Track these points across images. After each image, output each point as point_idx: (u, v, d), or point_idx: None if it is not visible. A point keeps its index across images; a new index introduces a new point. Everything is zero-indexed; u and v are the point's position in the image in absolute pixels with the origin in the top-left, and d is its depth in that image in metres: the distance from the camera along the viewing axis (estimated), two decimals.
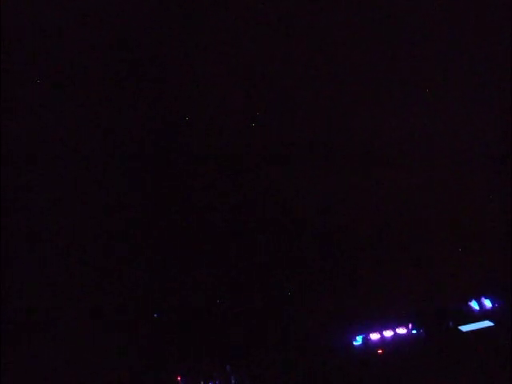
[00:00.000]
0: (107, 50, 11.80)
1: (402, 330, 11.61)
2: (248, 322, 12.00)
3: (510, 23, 12.22)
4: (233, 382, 11.61)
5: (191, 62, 12.12)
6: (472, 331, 11.66)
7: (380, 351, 11.45)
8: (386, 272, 12.04)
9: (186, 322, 12.01)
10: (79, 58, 11.66)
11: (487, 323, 11.67)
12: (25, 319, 11.10)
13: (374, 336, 11.55)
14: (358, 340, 11.55)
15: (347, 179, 12.29)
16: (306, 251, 12.13)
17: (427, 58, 12.47)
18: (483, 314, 11.85)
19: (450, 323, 11.65)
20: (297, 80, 12.38)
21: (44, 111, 11.55)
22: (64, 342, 11.16)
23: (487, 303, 11.96)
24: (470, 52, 12.39)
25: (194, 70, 12.12)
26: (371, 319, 11.69)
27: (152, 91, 11.99)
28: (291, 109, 12.39)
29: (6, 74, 11.26)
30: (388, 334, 11.58)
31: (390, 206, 12.18)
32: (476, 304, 11.96)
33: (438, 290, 11.89)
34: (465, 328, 11.69)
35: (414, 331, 11.62)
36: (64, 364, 11.00)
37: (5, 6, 11.26)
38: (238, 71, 12.26)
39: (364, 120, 12.45)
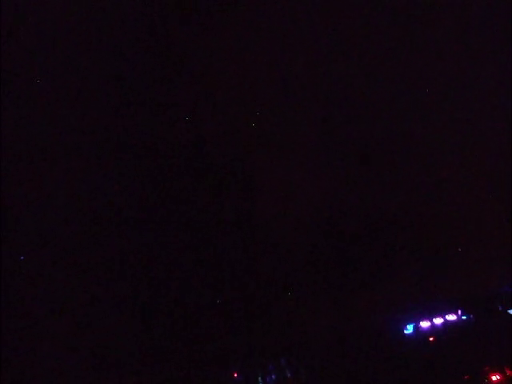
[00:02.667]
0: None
1: (451, 317, 11.78)
2: (295, 314, 12.24)
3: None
4: (288, 375, 11.99)
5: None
6: None
7: (431, 338, 11.67)
8: (432, 259, 12.09)
9: (237, 318, 12.29)
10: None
11: None
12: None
13: (425, 324, 11.75)
14: (409, 328, 11.77)
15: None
16: (351, 243, 12.21)
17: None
18: None
19: (499, 307, 11.80)
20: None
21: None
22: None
23: None
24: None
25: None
26: (421, 307, 11.85)
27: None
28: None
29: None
30: (438, 321, 11.76)
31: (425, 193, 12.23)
32: None
33: (485, 274, 11.93)
34: None
35: (464, 317, 11.80)
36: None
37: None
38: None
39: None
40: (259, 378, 11.96)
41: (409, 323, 11.78)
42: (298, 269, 12.32)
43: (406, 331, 11.78)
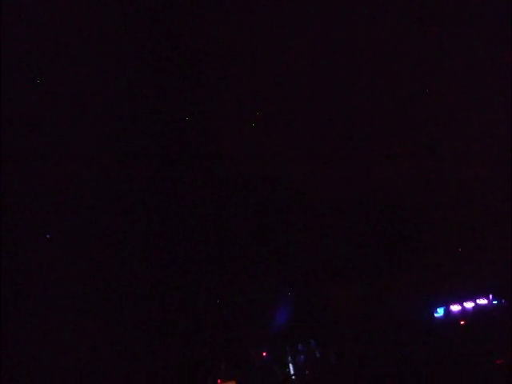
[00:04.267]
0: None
1: (482, 301, 11.77)
2: (325, 297, 12.34)
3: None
4: (318, 355, 12.07)
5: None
6: None
7: (462, 322, 11.67)
8: (465, 243, 12.09)
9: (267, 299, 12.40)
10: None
11: None
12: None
13: (455, 307, 11.75)
14: (440, 312, 11.78)
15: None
16: (382, 230, 12.27)
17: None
18: None
19: None
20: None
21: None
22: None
23: None
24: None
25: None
26: (452, 291, 11.86)
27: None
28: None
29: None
30: (469, 305, 11.76)
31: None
32: None
33: None
34: None
35: (495, 302, 11.78)
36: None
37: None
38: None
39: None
40: (289, 358, 12.07)
41: (439, 307, 11.80)
42: (329, 254, 12.41)
43: (436, 314, 11.80)
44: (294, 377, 11.98)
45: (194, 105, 12.04)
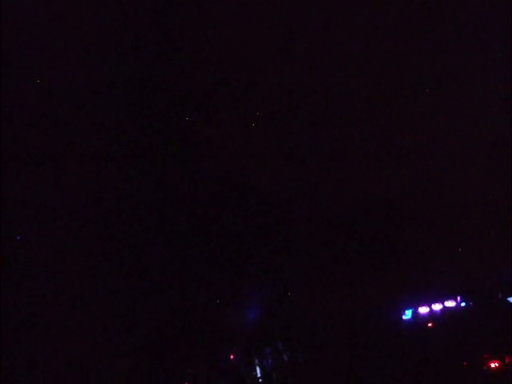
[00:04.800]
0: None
1: (450, 303, 11.69)
2: (293, 299, 12.25)
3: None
4: (285, 358, 11.95)
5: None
6: None
7: (430, 324, 11.59)
8: (433, 245, 12.03)
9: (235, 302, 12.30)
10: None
11: None
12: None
13: (423, 310, 11.67)
14: (408, 314, 11.70)
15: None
16: (352, 231, 12.21)
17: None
18: None
19: (499, 295, 11.69)
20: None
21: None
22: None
23: None
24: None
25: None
26: (420, 293, 11.78)
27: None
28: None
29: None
30: (437, 307, 11.68)
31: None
32: None
33: (486, 261, 11.84)
34: None
35: (463, 304, 11.70)
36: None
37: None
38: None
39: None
40: (256, 361, 11.94)
41: (407, 309, 11.71)
42: (296, 257, 12.34)
43: (404, 317, 11.71)
44: (260, 380, 11.85)
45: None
